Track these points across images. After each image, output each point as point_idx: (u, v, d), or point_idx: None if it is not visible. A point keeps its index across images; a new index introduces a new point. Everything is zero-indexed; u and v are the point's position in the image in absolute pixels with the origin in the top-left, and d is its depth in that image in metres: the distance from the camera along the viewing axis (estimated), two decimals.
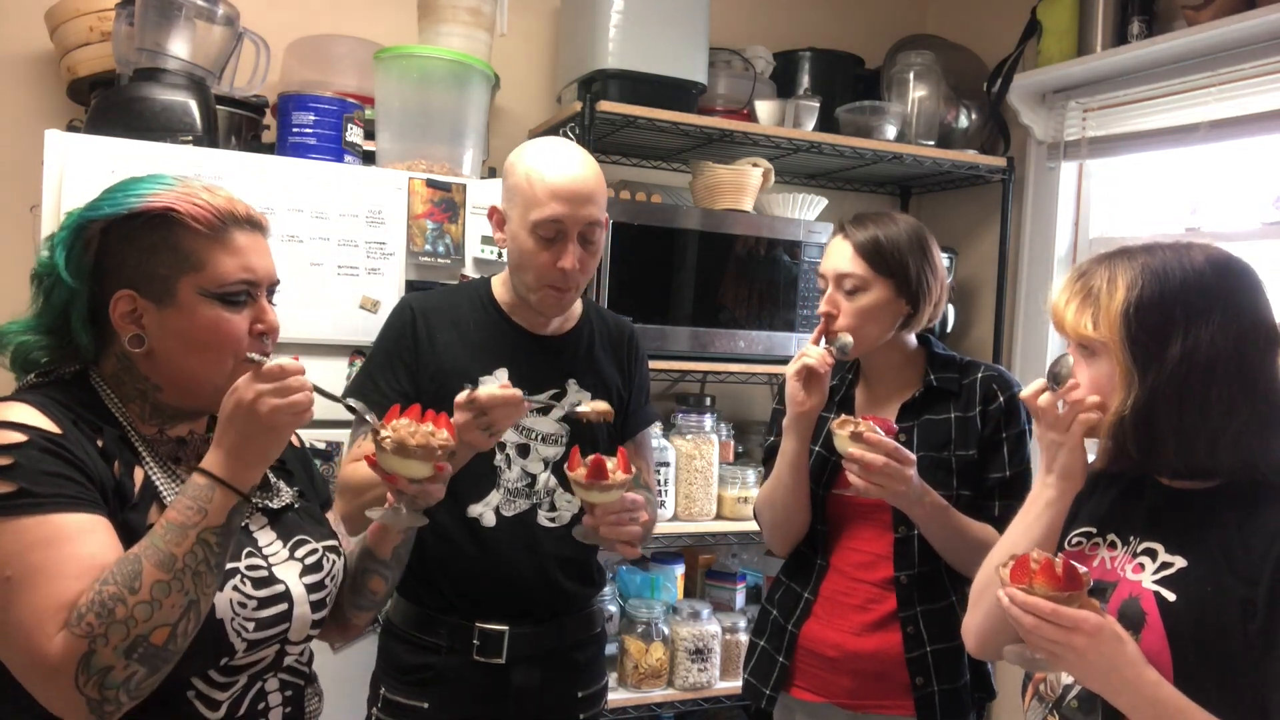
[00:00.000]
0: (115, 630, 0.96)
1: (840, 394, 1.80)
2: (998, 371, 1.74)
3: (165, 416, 1.17)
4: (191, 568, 1.01)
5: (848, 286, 1.67)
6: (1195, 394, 1.14)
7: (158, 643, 0.98)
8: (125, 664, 0.96)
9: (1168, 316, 1.15)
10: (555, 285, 1.59)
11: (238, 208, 1.15)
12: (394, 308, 1.71)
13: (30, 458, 1.01)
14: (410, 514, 1.27)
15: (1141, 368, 1.15)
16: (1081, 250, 2.85)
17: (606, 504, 1.43)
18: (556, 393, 1.68)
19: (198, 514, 1.02)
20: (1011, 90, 2.82)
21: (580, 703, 1.71)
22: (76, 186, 1.86)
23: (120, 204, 1.10)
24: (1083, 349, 1.22)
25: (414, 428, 1.21)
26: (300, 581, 1.18)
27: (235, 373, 1.13)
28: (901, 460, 1.51)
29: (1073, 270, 1.26)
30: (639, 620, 2.55)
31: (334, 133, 2.23)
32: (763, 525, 1.83)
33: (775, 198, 2.82)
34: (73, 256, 1.10)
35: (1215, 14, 2.27)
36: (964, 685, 1.69)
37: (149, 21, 2.09)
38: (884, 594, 1.69)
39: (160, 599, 0.98)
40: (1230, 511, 1.15)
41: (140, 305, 1.11)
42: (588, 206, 1.57)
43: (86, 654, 0.95)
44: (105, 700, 0.96)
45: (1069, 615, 1.06)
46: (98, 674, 0.95)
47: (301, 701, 1.22)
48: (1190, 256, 1.19)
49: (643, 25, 2.50)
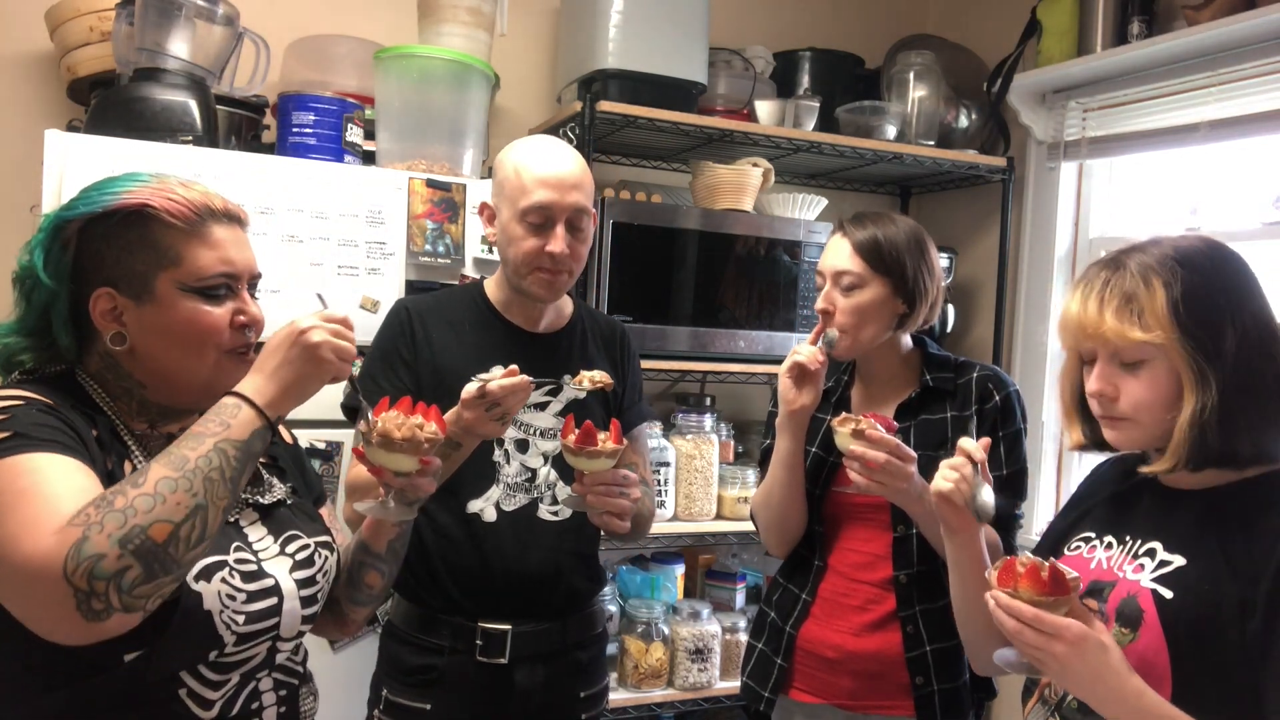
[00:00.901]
0: (112, 518, 0.93)
1: (836, 395, 1.80)
2: (993, 371, 1.74)
3: (154, 414, 1.17)
4: (204, 470, 0.99)
5: (844, 284, 1.68)
6: (1260, 378, 1.12)
7: (157, 538, 0.94)
8: (119, 554, 0.92)
9: (1215, 305, 1.13)
10: (545, 269, 1.61)
11: (214, 201, 1.15)
12: (390, 309, 1.72)
13: (27, 414, 1.01)
14: (399, 508, 1.26)
15: (1207, 362, 1.11)
16: (1081, 250, 2.84)
17: (595, 472, 1.47)
18: (553, 388, 1.69)
19: (220, 426, 1.03)
20: (1011, 90, 2.82)
21: (582, 703, 1.71)
22: (77, 186, 1.81)
23: (96, 202, 1.11)
24: (1121, 364, 1.16)
25: (401, 420, 1.20)
26: (290, 577, 1.17)
27: (218, 367, 1.14)
28: (903, 458, 1.51)
29: (1084, 281, 1.20)
30: (639, 620, 2.55)
31: (334, 133, 2.23)
32: (759, 526, 1.83)
33: (775, 198, 2.82)
34: (51, 257, 1.10)
35: (1215, 14, 2.26)
36: (964, 684, 1.69)
37: (149, 21, 2.09)
38: (883, 594, 1.69)
39: (165, 494, 0.96)
40: (1233, 511, 1.15)
41: (120, 303, 1.10)
42: (573, 193, 1.61)
43: (79, 540, 0.91)
44: (94, 594, 0.91)
45: (1051, 622, 1.06)
46: (88, 560, 0.90)
47: (296, 701, 1.22)
48: (1192, 244, 1.18)
49: (643, 25, 2.50)
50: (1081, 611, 1.10)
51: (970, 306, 3.11)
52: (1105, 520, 1.29)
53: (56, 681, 1.00)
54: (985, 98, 2.95)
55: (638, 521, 1.73)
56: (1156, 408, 1.15)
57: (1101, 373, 1.18)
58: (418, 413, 1.23)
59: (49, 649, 0.97)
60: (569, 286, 1.69)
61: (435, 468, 1.26)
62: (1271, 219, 2.34)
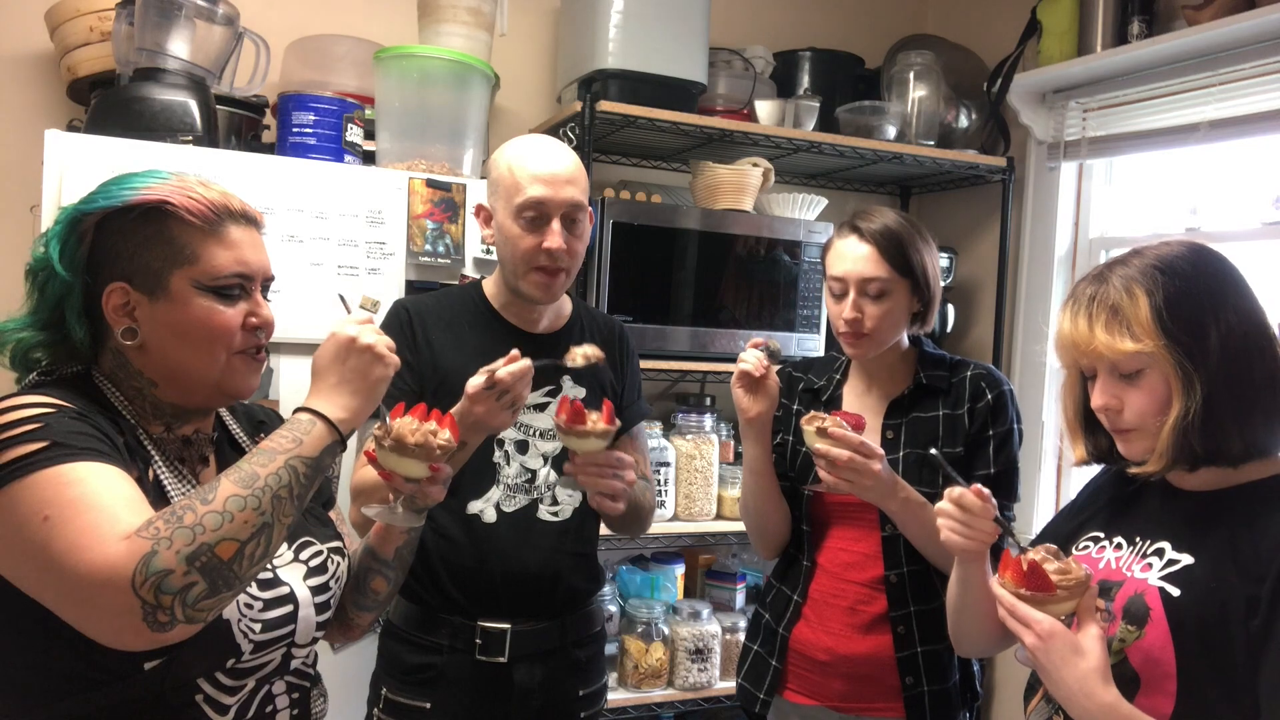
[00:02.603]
0: (181, 534, 0.94)
1: (827, 394, 1.80)
2: (987, 370, 1.74)
3: (167, 415, 1.16)
4: (273, 488, 1.00)
5: (874, 291, 1.65)
6: (1244, 376, 1.13)
7: (223, 556, 0.96)
8: (186, 570, 0.93)
9: (1197, 306, 1.14)
10: (543, 267, 1.61)
11: (232, 202, 1.15)
12: (388, 311, 1.72)
13: (60, 421, 1.00)
14: (407, 514, 1.26)
15: (1193, 366, 1.13)
16: (1081, 250, 2.84)
17: (588, 453, 1.48)
18: (552, 388, 1.69)
19: (292, 442, 1.03)
20: (1011, 90, 2.82)
21: (580, 701, 1.72)
22: (76, 186, 1.86)
23: (115, 196, 1.10)
24: (1121, 376, 1.18)
25: (415, 425, 1.21)
26: (305, 584, 1.18)
27: (228, 367, 1.13)
28: (867, 454, 1.51)
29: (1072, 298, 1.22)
30: (639, 620, 2.55)
31: (334, 133, 2.23)
32: (748, 531, 1.85)
33: (775, 198, 2.82)
34: (67, 250, 1.09)
35: (1215, 14, 2.26)
36: (953, 686, 1.68)
37: (149, 21, 2.09)
38: (874, 594, 1.68)
39: (234, 511, 0.97)
40: (1241, 510, 1.15)
41: (133, 298, 1.10)
42: (568, 189, 1.61)
43: (149, 554, 0.92)
44: (160, 606, 0.92)
45: (1023, 614, 1.13)
46: (156, 575, 0.92)
47: (307, 703, 1.22)
48: (1173, 250, 1.19)
49: (643, 25, 2.50)
50: (1088, 611, 1.11)
51: (970, 306, 3.11)
52: (1114, 521, 1.29)
53: (76, 687, 1.01)
54: (985, 98, 2.95)
55: (639, 513, 1.74)
56: (1158, 414, 1.16)
57: (1104, 387, 1.20)
58: (432, 419, 1.23)
59: (69, 656, 0.99)
60: (566, 287, 1.69)
61: (446, 475, 1.26)
62: (1271, 219, 2.34)
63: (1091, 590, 1.13)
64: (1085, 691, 1.08)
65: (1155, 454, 1.16)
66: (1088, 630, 1.11)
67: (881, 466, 1.52)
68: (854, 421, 1.54)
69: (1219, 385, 1.13)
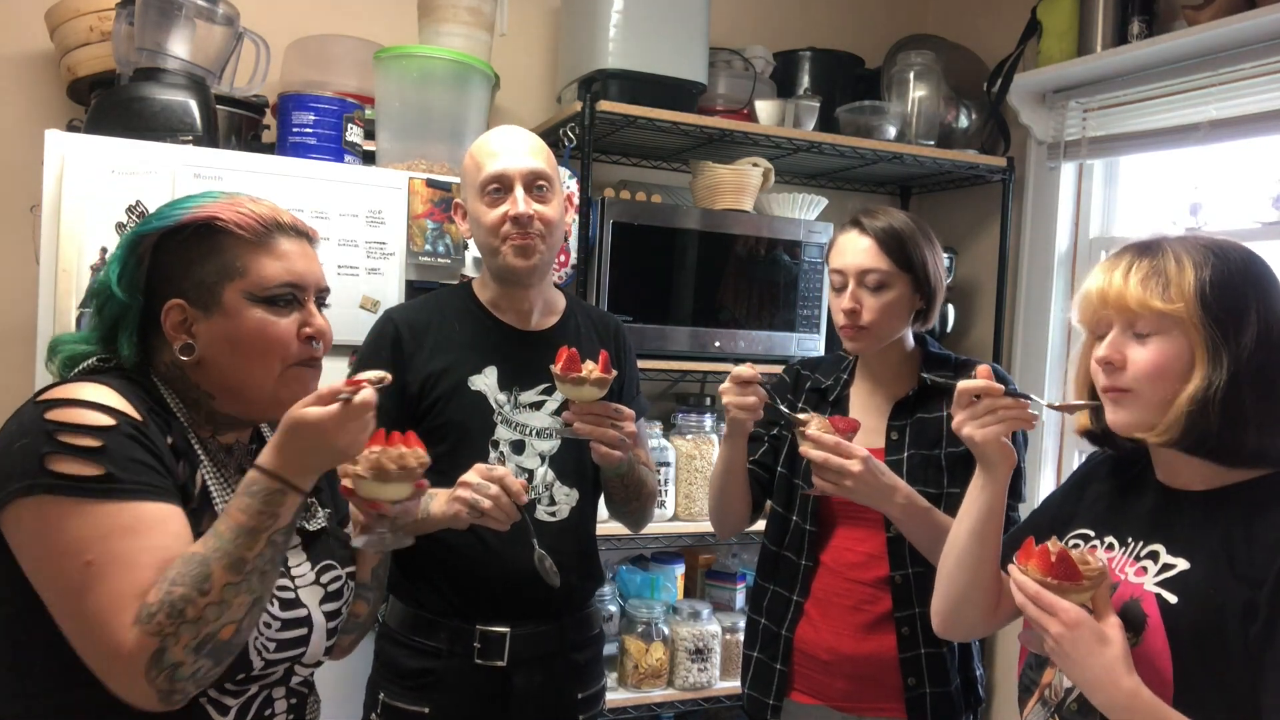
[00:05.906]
0: (186, 630, 0.98)
1: (834, 394, 1.80)
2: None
3: (218, 423, 1.19)
4: (259, 569, 1.03)
5: (871, 283, 1.66)
6: (1273, 373, 1.12)
7: (225, 638, 1.02)
8: (194, 659, 1.00)
9: (1241, 295, 1.13)
10: (513, 236, 1.61)
11: (282, 216, 1.18)
12: (375, 322, 1.71)
13: (118, 443, 1.02)
14: (395, 536, 1.27)
15: (1224, 343, 1.12)
16: (1081, 250, 2.84)
17: (585, 402, 1.52)
18: (547, 386, 1.68)
19: (269, 518, 1.04)
20: (1011, 90, 2.82)
21: (580, 704, 1.71)
22: (76, 186, 1.86)
23: (168, 217, 1.14)
24: (1134, 334, 1.17)
25: (389, 452, 1.20)
26: (321, 609, 1.20)
27: (284, 378, 1.15)
28: (845, 455, 1.50)
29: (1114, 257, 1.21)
30: (639, 620, 2.55)
31: (334, 133, 2.23)
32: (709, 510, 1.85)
33: (775, 198, 2.82)
34: (126, 272, 1.13)
35: (1215, 14, 2.26)
36: (955, 689, 1.68)
37: (149, 21, 2.09)
38: (878, 594, 1.68)
39: (230, 600, 1.01)
40: (1236, 513, 1.14)
41: (190, 314, 1.13)
42: (526, 159, 1.63)
43: (158, 650, 0.97)
44: (175, 690, 1.00)
45: (1049, 601, 1.11)
46: (168, 668, 0.98)
47: (304, 707, 1.25)
48: (1229, 241, 1.19)
49: (643, 25, 2.50)
50: (1105, 601, 1.11)
51: (970, 306, 3.11)
52: (1104, 520, 1.28)
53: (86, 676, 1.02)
54: (985, 98, 2.95)
55: (641, 491, 1.74)
56: (1159, 380, 1.14)
57: (1112, 341, 1.19)
58: (394, 443, 1.21)
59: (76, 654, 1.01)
60: (548, 260, 1.67)
61: (425, 488, 1.27)
62: (1271, 219, 2.34)
63: (1108, 581, 1.13)
64: (1112, 680, 1.08)
65: (1163, 424, 1.14)
66: (1109, 619, 1.10)
67: (862, 468, 1.51)
68: (846, 425, 1.54)
69: (1246, 372, 1.11)
